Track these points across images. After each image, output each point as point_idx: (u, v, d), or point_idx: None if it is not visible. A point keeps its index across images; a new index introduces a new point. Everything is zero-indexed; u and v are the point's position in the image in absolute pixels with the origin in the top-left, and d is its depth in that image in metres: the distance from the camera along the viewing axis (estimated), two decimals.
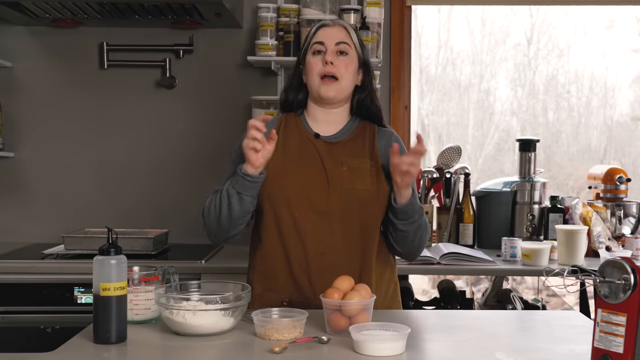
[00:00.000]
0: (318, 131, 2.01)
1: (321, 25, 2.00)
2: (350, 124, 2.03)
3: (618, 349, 1.33)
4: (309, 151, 1.96)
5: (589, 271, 1.38)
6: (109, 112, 3.32)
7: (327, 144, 1.98)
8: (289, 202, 1.90)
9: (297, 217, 1.90)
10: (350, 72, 1.96)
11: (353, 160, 1.94)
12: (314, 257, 1.90)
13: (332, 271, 1.85)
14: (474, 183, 3.25)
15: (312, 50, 1.97)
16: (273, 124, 2.02)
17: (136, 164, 3.32)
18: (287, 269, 1.92)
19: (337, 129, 2.01)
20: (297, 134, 2.00)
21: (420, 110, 3.77)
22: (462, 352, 1.57)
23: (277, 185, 1.91)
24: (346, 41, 1.97)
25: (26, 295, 2.67)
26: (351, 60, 1.97)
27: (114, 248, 1.58)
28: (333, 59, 1.94)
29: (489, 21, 3.88)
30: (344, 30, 1.99)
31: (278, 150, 1.93)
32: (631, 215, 3.08)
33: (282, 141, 1.97)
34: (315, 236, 1.90)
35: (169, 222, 3.21)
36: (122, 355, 1.53)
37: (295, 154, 1.96)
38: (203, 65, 3.30)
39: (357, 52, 1.99)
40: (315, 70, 1.95)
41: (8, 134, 3.29)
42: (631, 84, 3.87)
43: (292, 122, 2.03)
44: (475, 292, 3.81)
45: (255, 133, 1.78)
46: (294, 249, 1.91)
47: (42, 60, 3.31)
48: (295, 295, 1.92)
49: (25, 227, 3.29)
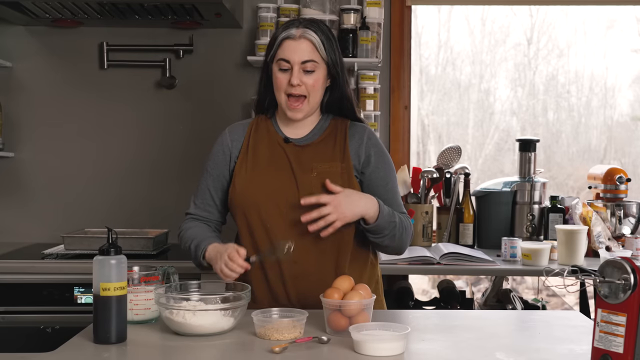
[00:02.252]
0: (288, 133, 1.99)
1: (286, 37, 1.91)
2: (321, 124, 2.01)
3: (618, 349, 1.33)
4: (278, 157, 1.95)
5: (589, 271, 1.38)
6: (109, 112, 3.32)
7: (297, 147, 1.96)
8: (260, 211, 1.90)
9: (268, 226, 1.90)
10: (318, 86, 1.92)
11: (323, 165, 1.92)
12: (287, 265, 1.90)
13: (306, 278, 1.86)
14: (474, 183, 3.25)
15: (278, 65, 1.92)
16: (244, 130, 2.02)
17: (136, 163, 3.32)
18: (262, 277, 1.93)
19: (308, 130, 2.00)
20: (267, 139, 1.99)
21: (420, 110, 3.77)
22: (462, 352, 1.57)
23: (248, 194, 1.92)
24: (312, 58, 1.89)
25: (26, 295, 2.67)
26: (318, 75, 1.91)
27: (114, 248, 1.58)
28: (299, 79, 1.89)
29: (489, 21, 3.88)
30: (310, 44, 1.89)
31: (248, 157, 1.96)
32: (631, 215, 3.08)
33: (252, 147, 1.98)
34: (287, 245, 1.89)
35: (169, 222, 3.20)
36: (122, 355, 1.53)
37: (265, 160, 1.96)
38: (203, 65, 3.30)
39: (324, 61, 1.92)
40: (282, 88, 1.92)
41: (8, 134, 3.29)
42: (631, 84, 3.86)
43: (263, 125, 2.02)
44: (475, 292, 3.81)
45: (234, 270, 1.80)
46: (267, 258, 1.91)
47: (42, 60, 3.31)
48: (273, 304, 1.90)
49: (25, 227, 3.29)
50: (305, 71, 1.90)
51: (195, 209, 2.05)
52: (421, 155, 3.91)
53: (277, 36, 1.93)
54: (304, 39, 1.90)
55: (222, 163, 2.00)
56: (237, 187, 1.94)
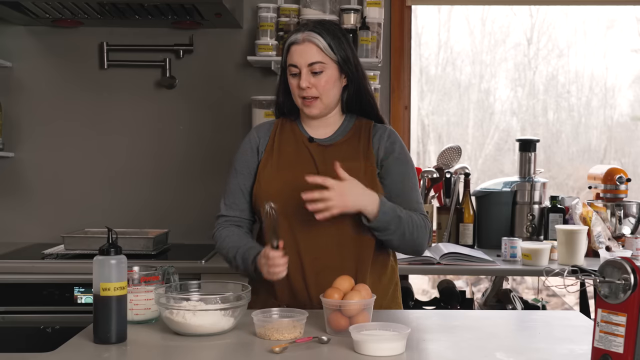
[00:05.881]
0: (313, 134, 2.02)
1: (291, 43, 1.96)
2: (345, 124, 2.03)
3: (618, 349, 1.33)
4: (303, 156, 1.98)
5: (589, 271, 1.38)
6: (109, 112, 3.32)
7: (321, 147, 1.99)
8: (284, 208, 1.90)
9: (292, 222, 1.91)
10: (330, 85, 1.95)
11: (346, 164, 1.91)
12: (309, 261, 1.91)
13: (326, 274, 1.86)
14: (474, 183, 3.25)
15: (290, 71, 1.97)
16: (269, 129, 2.05)
17: (136, 163, 3.32)
18: None
19: (332, 131, 2.02)
20: (292, 139, 2.02)
21: (420, 110, 3.77)
22: (462, 352, 1.57)
23: (272, 191, 1.93)
24: (318, 60, 1.92)
25: (26, 295, 2.66)
26: (328, 75, 1.94)
27: (114, 248, 1.58)
28: (308, 81, 1.92)
29: (489, 21, 3.88)
30: (314, 47, 1.93)
31: (274, 155, 1.99)
32: (631, 215, 3.08)
33: (277, 147, 2.01)
34: (309, 240, 1.91)
35: (169, 222, 3.21)
36: (122, 355, 1.53)
37: (290, 159, 1.98)
38: (203, 65, 3.30)
39: (333, 60, 1.95)
40: (295, 93, 1.97)
41: (8, 134, 3.29)
42: (631, 84, 3.87)
43: (288, 126, 2.05)
44: (475, 292, 3.81)
45: (278, 267, 1.81)
46: (289, 253, 1.90)
47: (42, 60, 3.31)
48: (292, 301, 1.92)
49: (25, 227, 3.29)
50: (313, 73, 1.93)
51: (227, 210, 2.04)
52: (421, 155, 3.91)
53: (285, 43, 1.99)
54: (308, 42, 1.93)
55: (252, 161, 2.02)
56: (262, 184, 1.96)
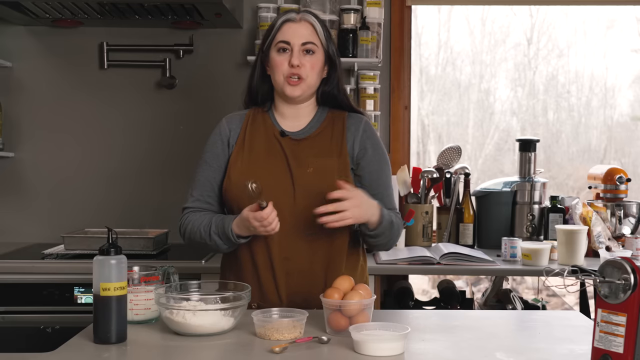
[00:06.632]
0: (285, 126, 1.98)
1: (286, 20, 1.94)
2: (318, 116, 2.00)
3: (618, 349, 1.33)
4: (274, 150, 1.94)
5: (589, 271, 1.38)
6: (109, 112, 3.32)
7: (293, 141, 1.95)
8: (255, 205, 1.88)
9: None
10: (316, 70, 1.93)
11: (319, 160, 1.90)
12: (279, 262, 1.89)
13: (296, 276, 1.85)
14: (474, 183, 3.25)
15: (277, 48, 1.92)
16: (241, 120, 2.01)
17: (136, 163, 3.32)
18: (254, 272, 1.92)
19: (305, 123, 1.99)
20: (263, 131, 1.97)
21: (420, 110, 3.77)
22: (462, 352, 1.57)
23: (242, 187, 1.83)
24: (312, 40, 1.92)
25: (26, 295, 2.66)
26: (317, 58, 1.93)
27: (114, 248, 1.58)
28: (299, 60, 1.90)
29: (489, 21, 3.87)
30: (310, 27, 1.93)
31: (245, 149, 1.94)
32: (631, 215, 3.08)
33: (249, 139, 1.96)
34: (280, 240, 1.88)
35: (169, 222, 3.20)
36: (122, 355, 1.53)
37: (261, 153, 1.94)
38: (203, 65, 3.30)
39: (323, 48, 1.95)
40: (281, 70, 1.92)
41: (8, 134, 3.29)
42: (631, 84, 3.86)
43: (260, 118, 2.00)
44: (475, 292, 3.81)
45: (272, 224, 1.76)
46: (260, 254, 1.90)
47: (42, 60, 3.31)
48: (263, 300, 1.90)
49: (25, 227, 3.29)
50: (305, 52, 1.91)
51: (194, 202, 1.98)
52: (421, 155, 3.91)
53: (275, 22, 1.96)
54: (305, 21, 1.94)
55: (222, 154, 1.98)
56: (233, 179, 1.92)
